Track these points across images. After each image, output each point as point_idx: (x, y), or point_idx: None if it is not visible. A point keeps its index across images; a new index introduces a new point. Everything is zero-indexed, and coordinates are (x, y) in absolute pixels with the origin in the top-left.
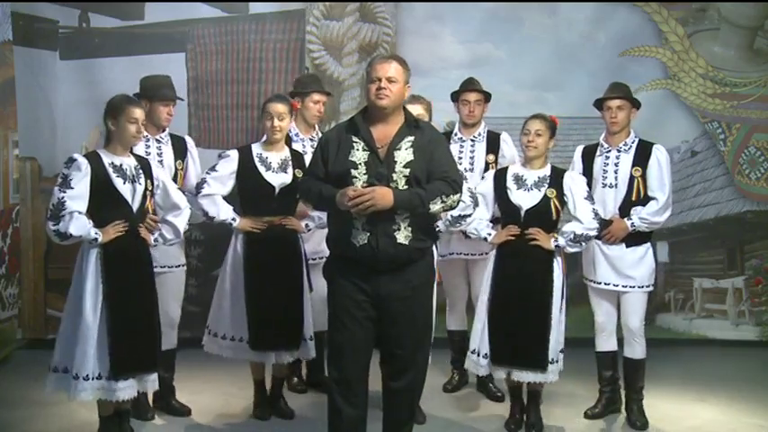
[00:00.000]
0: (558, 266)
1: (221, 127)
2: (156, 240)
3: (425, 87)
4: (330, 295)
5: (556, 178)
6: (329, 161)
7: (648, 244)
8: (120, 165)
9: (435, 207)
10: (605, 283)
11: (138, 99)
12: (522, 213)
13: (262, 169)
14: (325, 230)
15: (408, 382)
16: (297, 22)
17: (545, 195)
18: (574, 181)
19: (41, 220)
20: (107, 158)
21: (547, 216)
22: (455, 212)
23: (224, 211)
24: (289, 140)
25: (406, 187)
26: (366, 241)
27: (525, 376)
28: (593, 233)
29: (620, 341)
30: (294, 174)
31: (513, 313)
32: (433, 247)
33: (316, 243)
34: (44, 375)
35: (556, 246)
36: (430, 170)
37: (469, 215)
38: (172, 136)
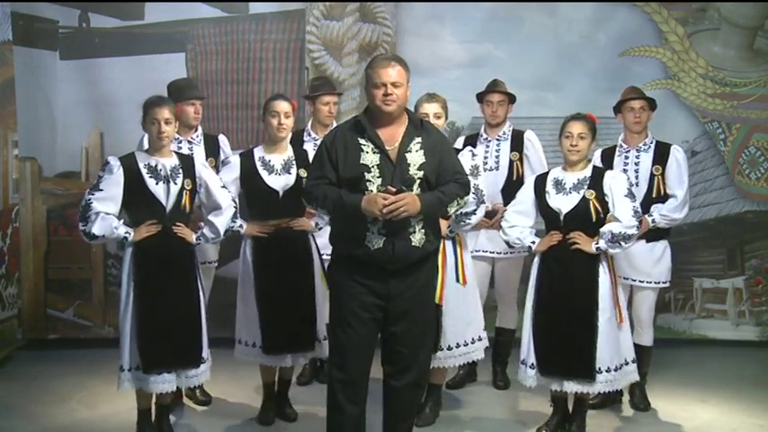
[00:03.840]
0: (604, 271)
1: (221, 127)
2: (197, 239)
3: (425, 87)
4: (334, 295)
5: (596, 179)
6: (339, 165)
7: (666, 241)
8: (155, 165)
9: (452, 210)
10: (624, 278)
11: (167, 99)
12: (562, 217)
13: (264, 173)
14: None
15: (410, 380)
16: (297, 22)
17: (583, 197)
18: (614, 179)
19: (41, 220)
20: (143, 160)
21: (587, 218)
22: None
23: None
24: (301, 141)
25: (418, 189)
26: (381, 245)
27: (572, 387)
28: (633, 231)
29: None
30: (298, 174)
31: (558, 321)
32: (448, 245)
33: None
34: (44, 375)
35: (597, 248)
36: (440, 171)
37: (473, 212)
38: (205, 135)
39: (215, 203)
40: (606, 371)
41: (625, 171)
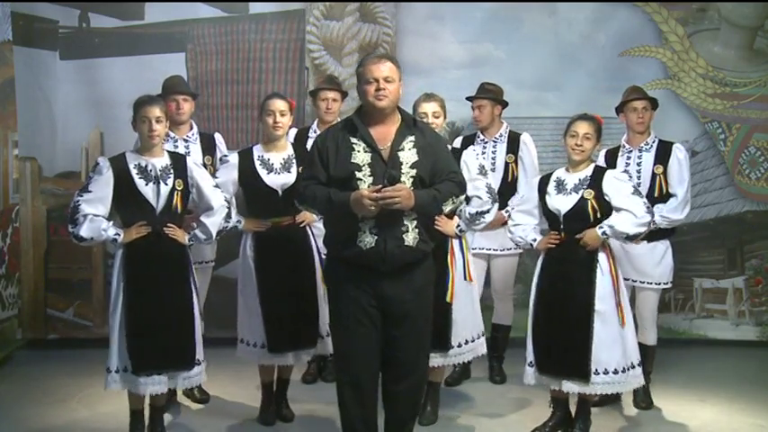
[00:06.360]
0: (602, 273)
1: (221, 127)
2: (190, 240)
3: (425, 87)
4: (333, 299)
5: (595, 178)
6: (330, 165)
7: (668, 241)
8: (146, 166)
9: (447, 208)
10: (625, 279)
11: (157, 98)
12: (561, 217)
13: (263, 172)
14: None
15: (409, 385)
16: (297, 22)
17: (581, 197)
18: (617, 179)
19: (41, 220)
20: (133, 160)
21: (585, 218)
22: (472, 209)
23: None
24: (306, 139)
25: (411, 188)
26: (374, 244)
27: (571, 387)
28: (644, 228)
29: None
30: (298, 172)
31: (555, 321)
32: (455, 244)
33: None
34: (44, 375)
35: (603, 233)
36: (436, 170)
37: (487, 211)
38: (201, 134)
39: (207, 204)
40: (604, 372)
41: (627, 171)
